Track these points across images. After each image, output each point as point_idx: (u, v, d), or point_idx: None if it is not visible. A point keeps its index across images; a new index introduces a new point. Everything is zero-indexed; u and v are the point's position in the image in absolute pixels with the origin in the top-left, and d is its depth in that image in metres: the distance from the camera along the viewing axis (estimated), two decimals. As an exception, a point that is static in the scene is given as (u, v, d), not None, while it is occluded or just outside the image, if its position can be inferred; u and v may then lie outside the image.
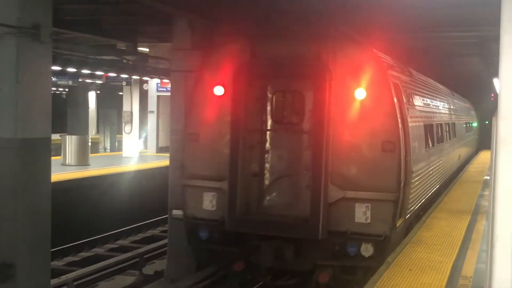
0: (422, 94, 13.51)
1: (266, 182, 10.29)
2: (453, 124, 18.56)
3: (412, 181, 10.46)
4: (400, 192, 9.59)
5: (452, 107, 19.58)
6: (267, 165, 10.31)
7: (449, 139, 17.12)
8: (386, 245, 9.52)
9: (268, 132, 10.31)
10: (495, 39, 13.82)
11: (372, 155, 9.54)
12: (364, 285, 7.90)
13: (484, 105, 34.89)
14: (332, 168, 9.63)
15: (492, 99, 36.09)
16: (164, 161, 21.94)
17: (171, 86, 13.57)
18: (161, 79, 26.85)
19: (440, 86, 18.77)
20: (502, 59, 4.27)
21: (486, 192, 16.05)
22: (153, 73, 23.81)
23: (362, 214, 9.56)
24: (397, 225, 9.77)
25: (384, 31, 12.62)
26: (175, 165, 11.97)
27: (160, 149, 29.79)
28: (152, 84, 29.69)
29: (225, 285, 11.03)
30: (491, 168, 5.02)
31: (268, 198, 10.26)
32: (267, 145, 10.32)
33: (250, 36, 10.45)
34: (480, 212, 13.25)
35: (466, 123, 24.67)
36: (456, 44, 17.54)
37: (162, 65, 22.21)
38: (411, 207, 10.84)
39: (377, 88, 9.62)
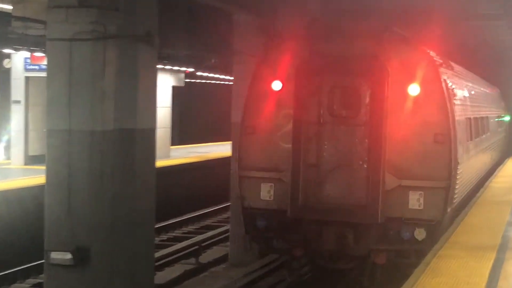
0: (462, 88, 14.97)
1: (323, 172, 11.80)
2: (487, 117, 19.34)
3: (458, 172, 12.04)
4: (451, 180, 11.48)
5: (483, 98, 20.14)
6: (324, 156, 11.84)
7: (484, 133, 18.10)
8: (438, 229, 11.41)
9: (325, 125, 11.85)
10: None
11: (424, 146, 11.42)
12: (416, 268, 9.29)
13: None
14: (388, 158, 11.45)
15: None
16: (37, 177, 16.26)
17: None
18: (31, 52, 19.36)
19: (474, 76, 19.44)
20: None
21: None
22: (19, 43, 17.59)
23: (415, 200, 11.41)
24: (448, 211, 11.63)
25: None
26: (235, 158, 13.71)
27: (31, 159, 21.61)
28: (17, 60, 21.51)
29: (287, 270, 12.74)
30: None
31: (325, 187, 11.78)
32: (324, 137, 11.86)
33: (309, 34, 12.29)
34: (509, 248, 10.47)
35: (497, 117, 23.79)
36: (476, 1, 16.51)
37: (33, 30, 16.62)
38: (458, 195, 12.52)
39: (429, 85, 11.56)
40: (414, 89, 11.56)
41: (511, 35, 21.76)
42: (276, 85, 12.08)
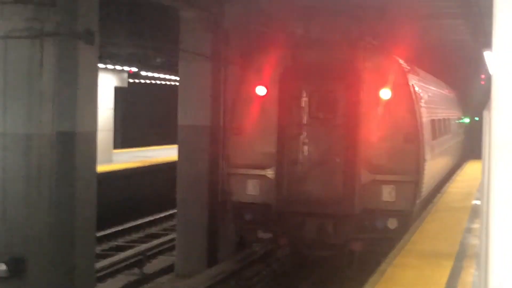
0: (427, 92, 16.58)
1: (305, 169, 13.56)
2: (448, 119, 20.76)
3: (425, 167, 13.82)
4: (419, 175, 13.38)
5: (444, 101, 21.40)
6: (305, 154, 13.62)
7: (446, 134, 19.62)
8: (408, 219, 13.30)
9: (305, 126, 13.66)
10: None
11: (396, 144, 13.27)
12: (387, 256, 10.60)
13: (473, 92, 28.92)
14: (363, 156, 13.27)
15: (483, 82, 29.02)
16: None
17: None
18: None
19: (435, 79, 20.91)
20: (496, 20, 3.09)
21: (476, 225, 12.86)
22: None
23: (388, 193, 13.25)
24: (417, 203, 13.51)
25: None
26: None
27: None
28: None
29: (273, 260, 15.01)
30: (483, 187, 3.89)
31: (306, 182, 13.51)
32: (305, 137, 13.65)
33: (290, 43, 14.46)
34: (467, 255, 10.51)
35: (457, 119, 24.76)
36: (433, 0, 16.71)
37: None
38: (425, 189, 14.33)
39: (399, 89, 13.41)
40: (385, 93, 13.39)
41: (468, 35, 22.08)
42: (261, 90, 13.90)
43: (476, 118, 29.25)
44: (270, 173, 13.67)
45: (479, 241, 7.00)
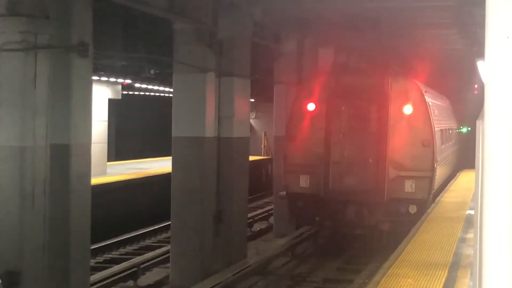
0: (436, 107, 20.43)
1: (345, 167, 17.76)
2: (449, 129, 23.89)
3: (436, 166, 17.88)
4: (433, 172, 17.58)
5: (445, 112, 24.13)
6: (345, 156, 17.81)
7: (448, 142, 23.06)
8: (425, 205, 17.53)
9: (346, 134, 17.91)
10: (477, 2, 11.99)
11: (416, 148, 17.52)
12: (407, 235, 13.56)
13: (466, 101, 29.66)
14: (390, 157, 17.48)
15: (476, 92, 29.88)
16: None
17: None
18: None
19: (437, 93, 23.82)
20: (488, 30, 3.12)
21: (470, 235, 13.17)
22: None
23: (409, 186, 17.45)
24: (431, 193, 17.90)
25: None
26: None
27: None
28: None
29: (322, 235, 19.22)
30: (476, 196, 3.77)
31: (346, 177, 17.72)
32: (345, 142, 17.85)
33: (334, 70, 18.83)
34: (461, 265, 10.62)
35: (455, 128, 27.09)
36: (425, 9, 17.83)
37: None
38: (436, 183, 18.60)
39: (418, 106, 17.76)
40: (408, 109, 17.74)
41: (462, 45, 22.21)
42: (311, 106, 18.20)
43: (467, 128, 29.34)
44: (317, 170, 17.87)
45: (473, 251, 6.97)
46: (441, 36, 22.81)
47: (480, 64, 19.22)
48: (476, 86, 29.99)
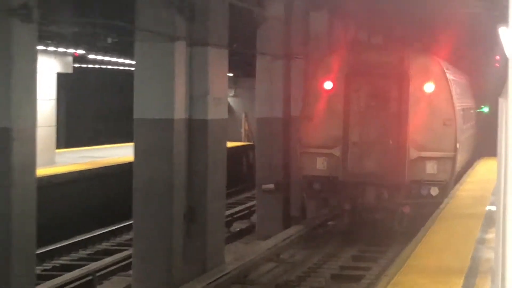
0: (458, 85, 22.46)
1: (364, 147, 19.83)
2: (470, 108, 26.16)
3: (458, 146, 19.99)
4: (456, 152, 19.72)
5: (466, 91, 26.34)
6: (364, 136, 19.85)
7: (470, 121, 25.32)
8: (447, 187, 19.80)
9: (364, 113, 19.93)
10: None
11: (437, 128, 19.66)
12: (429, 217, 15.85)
13: (486, 76, 29.81)
14: (411, 137, 19.52)
15: (497, 64, 30.33)
16: None
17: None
18: None
19: (458, 70, 25.57)
20: None
21: (491, 235, 12.87)
22: None
23: (431, 167, 19.58)
24: (454, 174, 20.00)
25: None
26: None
27: None
28: None
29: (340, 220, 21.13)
30: (499, 189, 3.73)
31: (366, 159, 19.78)
32: (364, 122, 19.88)
33: (352, 47, 21.48)
34: (480, 271, 10.61)
35: (476, 108, 29.29)
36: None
37: None
38: (459, 164, 20.76)
39: (440, 83, 19.88)
40: (429, 87, 19.78)
41: (481, 8, 22.18)
42: (328, 85, 20.23)
43: (486, 108, 29.56)
44: (335, 151, 19.92)
45: (494, 254, 6.98)
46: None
47: (502, 31, 19.21)
48: (497, 58, 30.05)
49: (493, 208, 14.31)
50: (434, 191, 19.45)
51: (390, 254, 18.33)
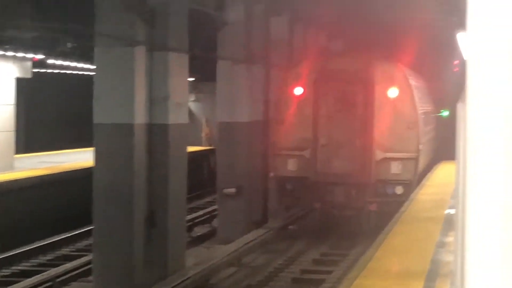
0: (419, 90, 23.97)
1: (332, 149, 21.26)
2: (430, 111, 27.19)
3: (421, 148, 21.58)
4: (418, 153, 21.27)
5: (426, 95, 27.31)
6: (332, 139, 21.25)
7: (430, 124, 26.44)
8: (411, 186, 21.24)
9: (332, 117, 21.35)
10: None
11: (401, 131, 21.04)
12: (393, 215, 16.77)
13: (446, 81, 30.70)
14: (377, 139, 20.91)
15: (456, 69, 30.54)
16: None
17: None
18: None
19: (418, 75, 26.82)
20: None
21: (451, 238, 12.92)
22: None
23: (396, 167, 21.01)
24: (416, 174, 21.58)
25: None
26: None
27: None
28: None
29: (311, 217, 22.86)
30: (458, 193, 3.68)
31: (334, 160, 21.20)
32: (332, 125, 21.29)
33: (321, 55, 24.08)
34: (440, 274, 10.61)
35: (433, 112, 28.78)
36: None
37: None
38: (421, 164, 22.39)
39: (403, 88, 21.39)
40: (393, 92, 21.32)
41: (439, 13, 22.49)
42: (298, 91, 21.83)
43: (445, 113, 29.86)
44: (306, 153, 21.40)
45: (453, 257, 7.02)
46: (415, 4, 23.03)
47: (460, 36, 19.33)
48: (456, 62, 30.33)
49: (452, 211, 14.48)
50: (399, 189, 20.86)
51: (352, 257, 18.52)
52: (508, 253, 3.01)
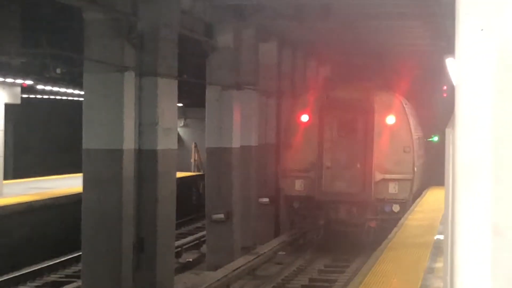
0: (413, 117, 25.81)
1: (336, 171, 23.68)
2: (421, 137, 28.58)
3: (416, 170, 23.85)
4: (413, 175, 23.53)
5: (417, 121, 27.94)
6: (336, 161, 23.67)
7: (422, 149, 28.00)
8: (407, 205, 23.44)
9: (336, 142, 23.78)
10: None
11: (398, 154, 23.36)
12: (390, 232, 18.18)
13: (436, 106, 31.22)
14: (376, 162, 23.18)
15: (445, 94, 31.77)
16: None
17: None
18: None
19: (410, 104, 27.91)
20: (459, 17, 3.02)
21: (439, 264, 12.83)
22: None
23: (393, 187, 23.31)
24: (412, 194, 23.99)
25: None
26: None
27: None
28: None
29: (313, 233, 24.85)
30: (447, 219, 3.75)
31: (337, 181, 23.55)
32: (336, 149, 23.70)
33: (325, 85, 26.38)
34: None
35: (427, 137, 31.02)
36: None
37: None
38: (416, 184, 24.58)
39: (400, 116, 23.70)
40: (390, 119, 23.61)
41: (428, 39, 22.83)
42: (305, 118, 24.27)
43: (435, 138, 30.12)
44: (311, 174, 23.82)
45: (442, 284, 6.97)
46: (404, 29, 23.28)
47: (449, 61, 19.41)
48: (445, 87, 30.53)
49: (441, 237, 14.55)
50: (396, 208, 23.21)
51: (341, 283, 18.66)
52: (497, 279, 2.99)
